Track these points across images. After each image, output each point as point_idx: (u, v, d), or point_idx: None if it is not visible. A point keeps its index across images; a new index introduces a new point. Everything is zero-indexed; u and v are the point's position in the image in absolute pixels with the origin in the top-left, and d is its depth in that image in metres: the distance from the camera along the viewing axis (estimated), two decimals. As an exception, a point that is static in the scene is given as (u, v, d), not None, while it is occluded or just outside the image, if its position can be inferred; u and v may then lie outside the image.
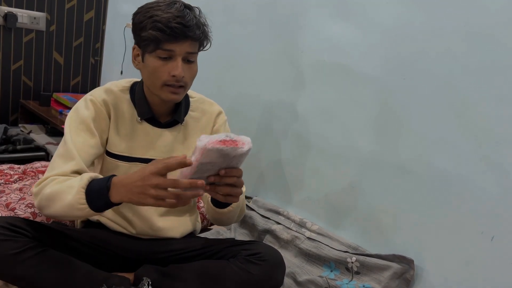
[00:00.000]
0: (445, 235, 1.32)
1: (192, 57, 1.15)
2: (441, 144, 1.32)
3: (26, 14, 2.53)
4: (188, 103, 1.31)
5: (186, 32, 1.09)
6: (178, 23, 1.08)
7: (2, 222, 1.09)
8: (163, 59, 1.13)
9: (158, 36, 1.09)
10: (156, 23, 1.09)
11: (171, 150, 1.27)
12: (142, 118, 1.23)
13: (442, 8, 1.30)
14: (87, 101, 1.20)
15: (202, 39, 1.15)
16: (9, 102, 2.62)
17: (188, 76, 1.16)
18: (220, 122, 1.35)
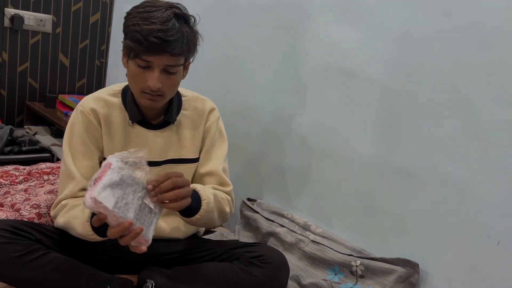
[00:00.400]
0: (450, 239, 1.31)
1: (172, 69, 1.12)
2: (446, 148, 1.31)
3: (32, 16, 2.54)
4: (181, 102, 1.31)
5: (165, 47, 1.06)
6: (157, 37, 1.04)
7: (5, 225, 1.09)
8: (141, 67, 1.11)
9: (135, 48, 1.08)
10: (135, 34, 1.07)
11: (165, 151, 1.28)
12: (133, 121, 1.23)
13: (447, 11, 1.29)
14: (78, 112, 1.22)
15: (184, 53, 1.12)
16: (15, 103, 2.64)
17: (167, 87, 1.14)
18: (213, 119, 1.34)
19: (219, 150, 1.34)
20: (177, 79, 1.16)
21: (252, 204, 1.80)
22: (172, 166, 1.29)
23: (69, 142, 1.21)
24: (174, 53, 1.08)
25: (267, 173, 1.84)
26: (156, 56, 1.08)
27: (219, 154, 1.33)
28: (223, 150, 1.35)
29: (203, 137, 1.33)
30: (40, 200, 1.49)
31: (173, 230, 1.30)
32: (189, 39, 1.11)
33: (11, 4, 2.47)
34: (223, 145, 1.36)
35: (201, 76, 1.69)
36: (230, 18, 1.97)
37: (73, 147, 1.20)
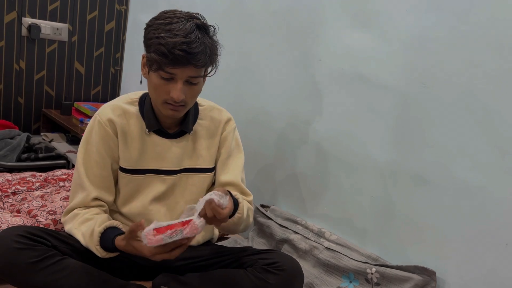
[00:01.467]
0: (468, 246, 1.28)
1: (195, 80, 1.13)
2: (463, 154, 1.29)
3: (49, 25, 2.59)
4: (197, 111, 1.31)
5: (190, 60, 1.07)
6: (182, 50, 1.05)
7: (21, 231, 1.10)
8: (165, 79, 1.11)
9: (160, 61, 1.08)
10: (160, 47, 1.07)
11: (181, 160, 1.28)
12: (150, 130, 1.24)
13: (462, 16, 1.28)
14: (95, 122, 1.23)
15: (207, 65, 1.13)
16: (32, 111, 2.68)
17: (189, 96, 1.15)
18: (229, 129, 1.35)
19: (236, 161, 1.34)
20: (199, 89, 1.17)
21: (265, 211, 1.79)
22: (187, 175, 1.29)
23: (84, 150, 1.23)
24: (199, 65, 1.09)
25: (280, 179, 1.84)
26: (180, 68, 1.08)
27: (237, 165, 1.34)
28: (240, 160, 1.35)
29: (219, 146, 1.33)
30: (56, 206, 1.51)
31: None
32: (211, 50, 1.12)
33: (28, 13, 2.52)
34: (239, 156, 1.36)
35: (214, 83, 1.69)
36: (243, 25, 1.98)
37: (88, 156, 1.22)
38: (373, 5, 1.49)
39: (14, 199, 1.61)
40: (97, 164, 1.22)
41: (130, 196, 1.27)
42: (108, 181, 1.25)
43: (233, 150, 1.35)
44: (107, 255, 1.12)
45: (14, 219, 1.41)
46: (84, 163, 1.22)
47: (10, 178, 1.75)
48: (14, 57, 2.53)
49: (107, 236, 1.11)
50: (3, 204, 1.57)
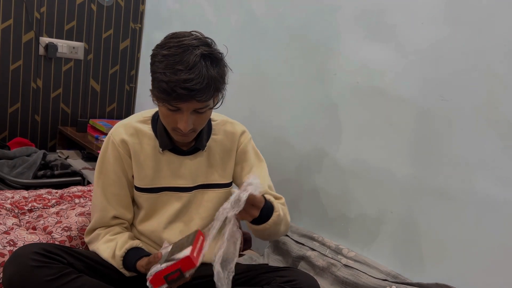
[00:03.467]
0: (492, 263, 1.24)
1: (202, 110, 1.11)
2: (485, 168, 1.26)
3: (65, 44, 2.64)
4: (211, 127, 1.30)
5: (193, 96, 1.04)
6: (184, 88, 1.02)
7: (38, 249, 1.10)
8: (171, 110, 1.10)
9: (162, 98, 1.07)
10: (161, 84, 1.04)
11: (196, 176, 1.27)
12: (164, 149, 1.24)
13: (479, 26, 1.26)
14: (109, 142, 1.24)
15: (214, 96, 1.11)
16: (48, 128, 2.72)
17: (198, 124, 1.14)
18: (245, 141, 1.34)
19: (260, 170, 1.34)
20: (208, 115, 1.16)
21: (281, 227, 1.76)
22: (203, 191, 1.28)
23: (100, 170, 1.24)
24: (202, 100, 1.07)
25: (296, 194, 1.81)
26: (184, 103, 1.07)
27: (262, 174, 1.34)
28: (263, 169, 1.36)
29: (236, 161, 1.32)
30: (71, 222, 1.50)
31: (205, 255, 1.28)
32: (216, 81, 1.08)
33: (45, 33, 2.57)
34: (261, 164, 1.36)
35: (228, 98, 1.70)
36: (258, 41, 1.99)
37: (104, 175, 1.23)
38: (388, 18, 1.49)
39: (30, 216, 1.62)
40: (114, 183, 1.23)
41: (146, 215, 1.26)
42: (126, 199, 1.25)
43: (254, 161, 1.34)
44: (131, 274, 1.16)
45: (30, 236, 1.41)
46: (101, 183, 1.23)
47: (26, 195, 1.76)
48: (31, 75, 2.58)
49: (129, 260, 1.15)
50: (19, 221, 1.57)
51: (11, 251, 1.28)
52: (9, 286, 1.08)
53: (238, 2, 2.10)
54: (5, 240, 1.35)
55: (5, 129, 2.57)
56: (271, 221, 1.15)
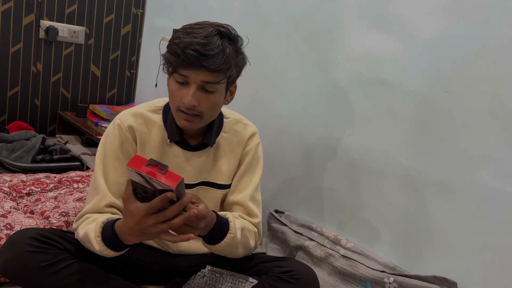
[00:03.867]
0: (492, 257, 1.24)
1: (210, 87, 1.08)
2: (487, 161, 1.24)
3: (66, 28, 2.61)
4: (222, 124, 1.27)
5: (201, 61, 1.02)
6: (194, 50, 1.02)
7: (34, 234, 1.09)
8: (179, 83, 1.08)
9: (172, 60, 1.06)
10: (174, 46, 1.05)
11: (200, 173, 1.24)
12: (172, 141, 1.20)
13: (486, 19, 1.24)
14: (115, 126, 1.19)
15: (223, 69, 1.06)
16: (48, 113, 2.70)
17: (204, 106, 1.09)
18: (251, 144, 1.28)
19: (252, 178, 1.28)
20: (216, 100, 1.11)
21: (279, 216, 1.76)
22: (205, 188, 1.25)
23: (102, 155, 1.19)
24: (211, 69, 1.04)
25: (295, 184, 1.80)
26: (192, 71, 1.05)
27: (251, 184, 1.27)
28: (255, 178, 1.28)
29: (239, 162, 1.28)
30: (69, 207, 1.50)
31: (201, 248, 1.27)
32: (230, 57, 1.07)
33: (46, 16, 2.54)
34: (256, 173, 1.29)
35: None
36: (260, 29, 1.96)
37: (106, 161, 1.17)
38: (394, 8, 1.46)
39: (28, 199, 1.61)
40: (115, 170, 1.17)
41: None
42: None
43: (251, 167, 1.28)
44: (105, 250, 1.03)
45: (27, 220, 1.40)
46: (100, 168, 1.17)
47: (24, 179, 1.75)
48: (31, 59, 2.55)
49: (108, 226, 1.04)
50: (17, 204, 1.56)
51: (8, 235, 1.28)
52: (5, 271, 1.08)
53: (241, -11, 2.07)
54: (2, 224, 1.34)
55: (4, 113, 2.55)
56: (224, 243, 1.10)
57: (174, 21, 2.54)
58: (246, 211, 1.24)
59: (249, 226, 1.20)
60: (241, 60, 1.13)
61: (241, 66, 1.14)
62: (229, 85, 1.15)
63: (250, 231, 1.20)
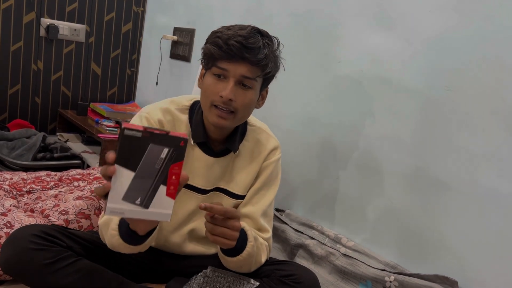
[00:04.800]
0: (493, 256, 1.23)
1: (248, 82, 1.07)
2: (489, 160, 1.24)
3: (67, 26, 2.60)
4: (245, 131, 1.25)
5: (243, 53, 1.03)
6: (238, 41, 1.03)
7: (37, 231, 1.08)
8: (217, 77, 1.08)
9: (214, 52, 1.06)
10: (216, 39, 1.06)
11: (217, 180, 1.22)
12: (195, 142, 1.18)
13: (488, 16, 1.23)
14: (142, 118, 1.15)
15: (263, 64, 1.07)
16: (48, 111, 2.70)
17: (240, 102, 1.08)
18: (273, 159, 1.26)
19: (267, 194, 1.25)
20: (252, 98, 1.10)
21: (280, 215, 1.76)
22: (218, 195, 1.23)
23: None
24: (252, 61, 1.04)
25: (296, 182, 1.80)
26: (233, 64, 1.05)
27: (266, 199, 1.24)
28: (271, 194, 1.26)
29: (257, 175, 1.25)
30: (69, 206, 1.50)
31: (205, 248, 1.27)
32: (269, 54, 1.08)
33: (47, 14, 2.53)
34: (273, 188, 1.27)
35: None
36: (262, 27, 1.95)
37: None
38: (395, 6, 1.46)
39: (28, 197, 1.61)
40: None
41: None
42: None
43: (268, 182, 1.26)
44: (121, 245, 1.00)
45: (27, 219, 1.40)
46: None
47: (25, 177, 1.75)
48: (32, 57, 2.55)
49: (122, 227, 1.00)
50: (17, 202, 1.56)
51: (8, 233, 1.28)
52: (7, 268, 1.07)
53: (242, -13, 2.07)
54: (2, 222, 1.34)
55: (5, 111, 2.55)
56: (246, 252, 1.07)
57: (174, 19, 2.53)
58: (257, 226, 1.21)
59: (261, 239, 1.18)
60: (278, 63, 1.14)
61: (277, 68, 1.15)
62: (263, 87, 1.15)
63: (262, 244, 1.18)
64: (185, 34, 2.44)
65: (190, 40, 2.40)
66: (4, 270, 1.08)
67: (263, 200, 1.24)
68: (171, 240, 1.22)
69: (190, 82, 2.36)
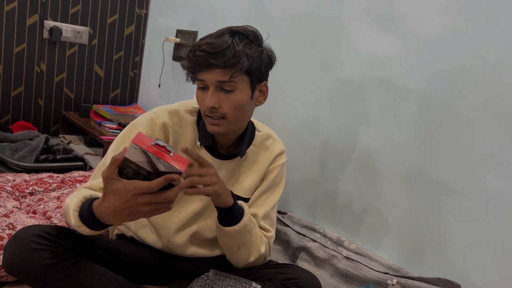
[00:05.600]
0: (496, 259, 1.23)
1: (227, 85, 1.06)
2: (492, 162, 1.24)
3: (70, 29, 2.61)
4: (253, 136, 1.25)
5: (209, 59, 1.03)
6: (202, 50, 1.03)
7: (39, 231, 1.08)
8: (201, 89, 1.09)
9: (187, 66, 1.07)
10: (188, 53, 1.07)
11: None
12: (202, 144, 1.18)
13: (490, 18, 1.23)
14: (148, 119, 1.16)
15: (233, 63, 1.04)
16: (51, 113, 2.70)
17: (226, 107, 1.07)
18: (278, 162, 1.27)
19: (271, 196, 1.26)
20: (238, 99, 1.09)
21: (282, 217, 1.75)
22: None
23: (122, 139, 1.15)
24: (219, 65, 1.04)
25: (298, 185, 1.80)
26: (205, 72, 1.05)
27: (269, 201, 1.25)
28: (274, 197, 1.27)
29: (262, 178, 1.26)
30: (72, 208, 1.50)
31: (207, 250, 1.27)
32: (241, 52, 1.05)
33: (50, 16, 2.54)
34: (277, 191, 1.28)
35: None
36: (263, 30, 1.95)
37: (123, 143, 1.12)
38: (397, 8, 1.46)
39: (31, 199, 1.61)
40: None
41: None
42: None
43: (273, 185, 1.26)
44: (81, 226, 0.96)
45: (30, 220, 1.40)
46: (113, 151, 1.12)
47: (27, 179, 1.75)
48: (35, 59, 2.56)
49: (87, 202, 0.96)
50: (19, 204, 1.57)
51: (10, 235, 1.28)
52: (9, 268, 1.07)
53: (244, -11, 2.07)
54: (4, 224, 1.34)
55: (8, 112, 2.56)
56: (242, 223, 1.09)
57: (177, 21, 2.54)
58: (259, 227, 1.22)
59: (259, 232, 1.19)
60: (260, 55, 1.10)
61: (261, 61, 1.11)
62: (255, 84, 1.13)
63: (262, 237, 1.19)
64: (187, 36, 2.45)
65: (193, 42, 2.41)
66: (7, 270, 1.08)
67: (266, 202, 1.25)
68: (174, 241, 1.22)
69: (193, 85, 2.36)
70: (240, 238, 1.13)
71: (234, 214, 1.09)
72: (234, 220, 1.10)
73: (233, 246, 1.15)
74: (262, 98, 1.19)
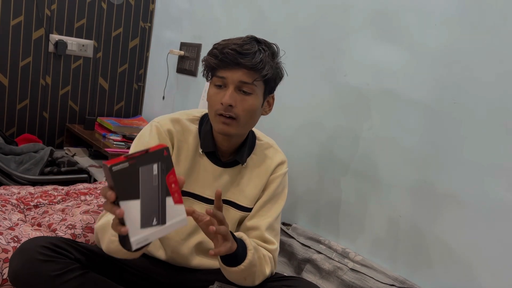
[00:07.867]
0: (505, 272, 1.21)
1: (247, 87, 1.09)
2: (498, 173, 1.23)
3: (75, 42, 2.64)
4: (253, 145, 1.26)
5: (238, 59, 1.06)
6: (232, 49, 1.07)
7: (45, 243, 1.09)
8: (218, 87, 1.11)
9: (211, 62, 1.10)
10: (213, 50, 1.11)
11: (224, 191, 1.21)
12: (204, 151, 1.19)
13: (495, 29, 1.24)
14: (152, 127, 1.18)
15: (259, 68, 1.08)
16: (56, 125, 2.72)
17: (241, 108, 1.10)
18: (279, 172, 1.26)
19: (273, 207, 1.25)
20: (252, 103, 1.11)
21: (287, 229, 1.75)
22: (225, 207, 1.22)
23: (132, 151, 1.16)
24: (247, 66, 1.07)
25: (303, 196, 1.79)
26: (230, 70, 1.08)
27: (272, 212, 1.24)
28: (277, 208, 1.26)
29: (264, 188, 1.26)
30: (76, 220, 1.50)
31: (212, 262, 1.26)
32: (266, 59, 1.10)
33: (55, 30, 2.57)
34: (279, 202, 1.27)
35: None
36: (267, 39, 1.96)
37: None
38: (401, 19, 1.47)
39: (36, 212, 1.61)
40: None
41: None
42: None
43: (275, 195, 1.26)
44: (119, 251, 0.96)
45: (35, 233, 1.40)
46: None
47: (32, 191, 1.76)
48: (40, 72, 2.58)
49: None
50: (24, 217, 1.57)
51: (15, 248, 1.28)
52: (15, 279, 1.07)
53: (248, 1, 2.09)
54: (9, 236, 1.34)
55: (13, 125, 2.57)
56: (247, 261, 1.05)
57: (181, 34, 2.56)
58: (262, 239, 1.21)
59: (263, 251, 1.17)
60: (278, 67, 1.16)
61: (277, 73, 1.16)
62: (266, 94, 1.16)
63: (265, 256, 1.17)
64: (191, 49, 2.46)
65: (197, 55, 2.42)
66: (12, 281, 1.08)
67: (269, 213, 1.24)
68: (179, 252, 1.22)
69: (197, 97, 2.37)
70: (245, 273, 1.10)
71: (237, 253, 1.04)
72: (239, 259, 1.06)
73: (239, 279, 1.12)
74: (268, 109, 1.22)
